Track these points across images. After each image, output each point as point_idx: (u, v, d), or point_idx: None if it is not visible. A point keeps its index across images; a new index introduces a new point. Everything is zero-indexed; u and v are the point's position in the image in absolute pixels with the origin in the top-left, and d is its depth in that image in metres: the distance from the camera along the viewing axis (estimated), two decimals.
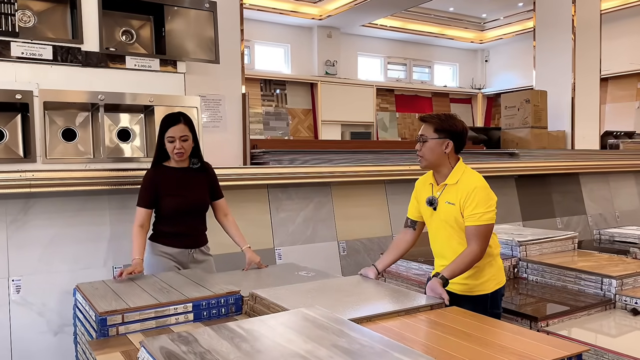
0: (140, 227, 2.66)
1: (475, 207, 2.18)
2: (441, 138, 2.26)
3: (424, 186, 2.42)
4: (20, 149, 2.94)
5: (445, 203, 2.27)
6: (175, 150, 2.67)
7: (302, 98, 9.89)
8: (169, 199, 2.71)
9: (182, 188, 2.74)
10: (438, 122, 2.28)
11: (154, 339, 1.43)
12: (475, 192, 2.19)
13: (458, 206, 2.22)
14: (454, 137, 2.28)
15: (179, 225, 2.76)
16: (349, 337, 1.42)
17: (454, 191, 2.25)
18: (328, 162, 4.07)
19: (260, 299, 2.09)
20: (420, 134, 2.33)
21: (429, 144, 2.28)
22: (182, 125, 2.68)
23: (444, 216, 2.28)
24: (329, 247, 4.00)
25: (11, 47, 2.83)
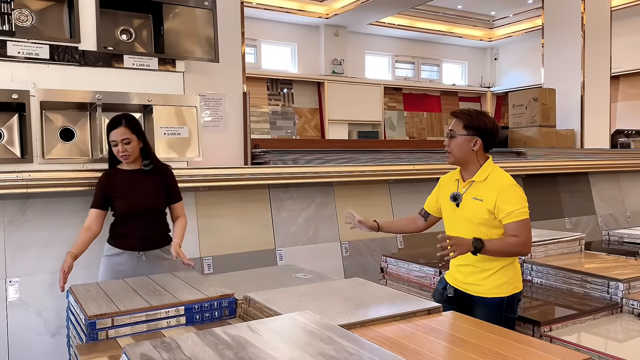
0: (85, 228, 2.65)
1: (513, 204, 2.16)
2: (470, 135, 2.24)
3: (449, 182, 2.40)
4: (18, 149, 2.92)
5: (471, 199, 2.24)
6: (120, 153, 2.66)
7: (309, 97, 9.85)
8: (118, 201, 2.69)
9: (130, 190, 2.71)
10: (468, 118, 2.25)
11: (136, 345, 1.39)
12: (509, 190, 2.18)
13: (486, 203, 2.19)
14: (484, 135, 2.25)
15: (129, 227, 2.72)
16: (337, 345, 1.36)
17: (481, 188, 2.24)
18: (331, 161, 4.02)
19: (253, 302, 2.04)
20: (449, 129, 2.30)
21: (457, 140, 2.26)
22: (123, 128, 2.65)
23: (469, 213, 2.25)
24: (332, 248, 3.95)
25: (7, 47, 2.81)
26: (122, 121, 2.67)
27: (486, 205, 2.19)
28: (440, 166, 4.42)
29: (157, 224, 2.79)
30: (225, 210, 3.65)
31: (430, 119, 11.63)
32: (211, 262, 3.54)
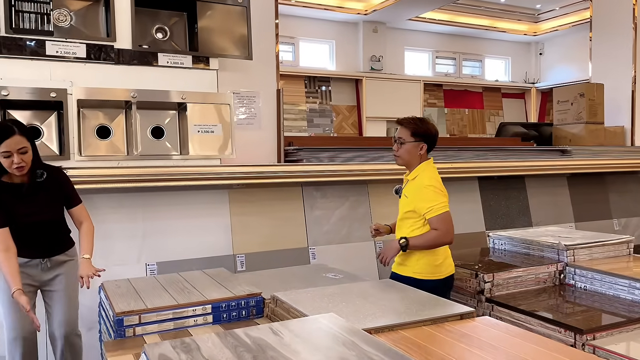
0: (5, 252, 2.33)
1: (429, 201, 2.46)
2: (417, 141, 2.52)
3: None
4: (56, 146, 2.98)
5: (404, 195, 2.60)
6: (14, 165, 2.32)
7: (347, 94, 9.76)
8: (19, 219, 2.41)
9: (29, 206, 2.44)
10: (415, 126, 2.53)
11: (156, 345, 1.37)
12: (425, 190, 2.48)
13: (410, 200, 2.53)
14: (428, 140, 2.55)
15: (29, 239, 2.47)
16: (359, 350, 1.31)
17: (410, 186, 2.57)
18: (366, 159, 3.95)
19: (280, 302, 2.01)
20: (398, 136, 2.56)
21: (406, 146, 2.54)
22: (18, 136, 2.32)
23: (401, 205, 2.62)
24: (365, 248, 3.88)
25: (46, 46, 2.87)
26: (14, 129, 2.34)
27: (409, 203, 2.54)
28: (481, 164, 4.28)
29: (60, 230, 2.60)
30: (258, 208, 3.63)
31: (472, 115, 11.35)
32: (244, 260, 3.53)
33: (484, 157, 4.50)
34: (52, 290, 2.56)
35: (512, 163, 4.44)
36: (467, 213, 4.41)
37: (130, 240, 3.23)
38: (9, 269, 2.30)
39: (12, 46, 2.80)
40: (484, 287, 2.59)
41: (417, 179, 2.54)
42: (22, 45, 2.82)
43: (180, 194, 3.39)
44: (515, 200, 4.65)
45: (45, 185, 2.48)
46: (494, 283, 2.61)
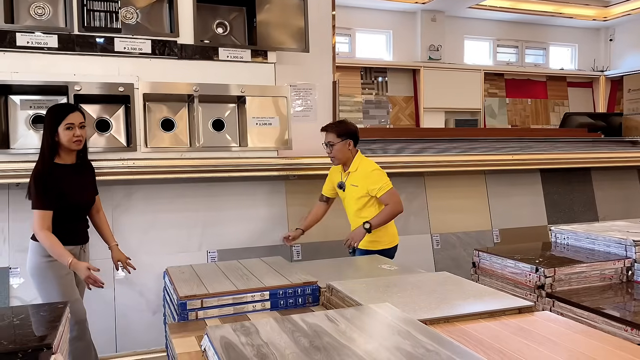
0: (48, 230, 2.46)
1: (377, 182, 2.99)
2: (344, 140, 3.02)
3: (336, 172, 3.21)
4: (123, 138, 3.14)
5: (350, 186, 3.06)
6: (75, 138, 2.50)
7: (404, 85, 9.64)
8: (68, 197, 2.54)
9: (77, 185, 2.61)
10: (338, 129, 3.05)
11: (218, 327, 1.44)
12: (372, 174, 3.01)
13: (360, 188, 3.01)
14: (352, 137, 3.06)
15: (74, 222, 2.64)
16: (414, 340, 1.32)
17: (355, 177, 3.05)
18: (422, 151, 3.91)
19: (336, 291, 2.04)
20: (327, 141, 3.06)
21: (337, 147, 3.04)
22: (79, 113, 2.55)
23: (351, 195, 3.07)
24: (422, 240, 3.86)
25: (115, 43, 3.02)
26: (77, 107, 2.61)
27: (361, 189, 3.01)
28: (544, 156, 4.15)
29: (87, 216, 2.77)
30: (314, 199, 3.67)
31: (535, 105, 10.93)
32: (300, 249, 3.60)
33: (548, 149, 4.35)
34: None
35: (578, 155, 4.27)
36: (528, 206, 4.29)
37: (192, 228, 3.36)
38: (56, 244, 2.45)
39: (84, 44, 2.97)
40: (545, 282, 2.51)
41: (360, 169, 3.04)
42: (92, 43, 2.98)
43: (239, 184, 3.49)
44: (580, 194, 4.47)
45: (86, 170, 2.71)
46: (556, 278, 2.53)
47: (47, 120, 2.53)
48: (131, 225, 3.21)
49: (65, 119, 2.49)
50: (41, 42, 2.89)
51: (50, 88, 2.95)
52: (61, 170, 2.55)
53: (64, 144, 2.51)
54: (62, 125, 2.49)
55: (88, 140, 3.01)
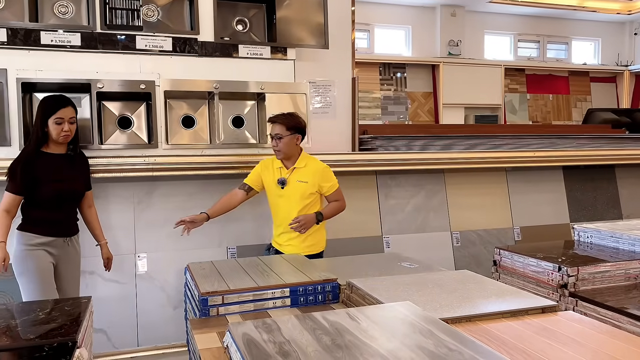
0: (7, 213, 2.54)
1: (329, 179, 2.96)
2: (292, 134, 2.89)
3: (270, 168, 3.01)
4: (145, 135, 3.17)
5: (297, 182, 2.92)
6: (63, 132, 2.59)
7: (423, 81, 9.57)
8: (50, 185, 2.60)
9: (62, 174, 2.66)
10: (288, 121, 2.89)
11: (239, 324, 1.45)
12: (324, 172, 2.96)
13: (310, 184, 2.91)
14: (301, 131, 2.94)
15: (57, 212, 2.66)
16: (436, 339, 1.31)
17: (303, 173, 2.93)
18: (442, 147, 3.88)
19: (356, 288, 2.03)
20: (275, 132, 2.88)
21: (285, 140, 2.88)
22: (71, 108, 2.63)
23: (296, 192, 2.91)
24: (441, 238, 3.83)
25: (136, 40, 3.05)
26: (69, 101, 2.65)
27: (309, 186, 2.91)
28: (566, 153, 4.08)
29: (75, 209, 2.81)
30: None
31: (556, 101, 10.77)
32: None
33: (570, 146, 4.28)
34: (67, 270, 2.71)
35: (601, 152, 4.20)
36: (550, 204, 4.23)
37: (212, 224, 3.37)
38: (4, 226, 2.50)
39: (106, 41, 3.00)
40: (568, 281, 2.48)
41: (310, 165, 2.95)
42: (114, 40, 3.02)
43: None
44: (604, 191, 4.39)
45: (76, 161, 2.75)
46: (579, 277, 2.49)
47: (38, 112, 2.60)
48: (152, 222, 3.24)
49: (56, 113, 2.57)
50: (64, 40, 2.93)
51: (73, 86, 2.99)
52: (47, 158, 2.61)
53: (52, 137, 2.59)
54: (52, 118, 2.57)
55: (108, 137, 3.06)
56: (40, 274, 2.59)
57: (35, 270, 2.58)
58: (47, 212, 2.63)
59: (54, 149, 2.64)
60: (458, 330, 1.38)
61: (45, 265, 2.61)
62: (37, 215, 2.62)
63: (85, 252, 3.10)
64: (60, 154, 2.67)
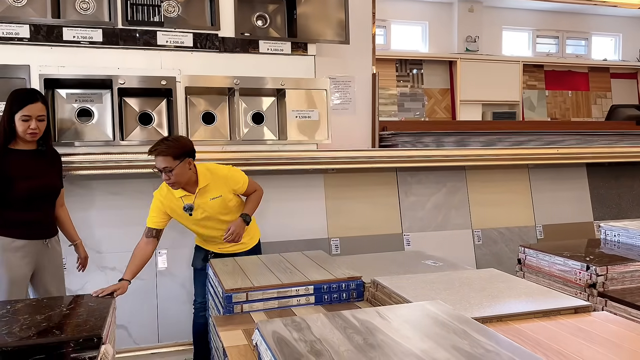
0: None
1: (238, 180, 2.74)
2: (182, 160, 2.54)
3: (171, 200, 2.66)
4: (166, 131, 3.16)
5: (210, 200, 2.66)
6: (30, 130, 2.38)
7: (440, 77, 9.48)
8: (22, 182, 2.40)
9: (34, 171, 2.46)
10: (174, 150, 2.52)
11: (268, 322, 1.43)
12: (229, 176, 2.73)
13: (224, 197, 2.69)
14: (191, 154, 2.61)
15: (33, 212, 2.47)
16: (472, 339, 1.28)
17: (211, 189, 2.67)
18: (463, 144, 3.83)
19: (381, 286, 2.01)
20: (163, 167, 2.52)
21: (177, 172, 2.54)
22: (41, 104, 2.41)
23: (212, 210, 2.68)
24: (462, 235, 3.78)
25: (157, 36, 3.04)
26: (38, 96, 2.44)
27: (224, 197, 2.69)
28: (589, 150, 4.00)
29: (54, 208, 2.63)
30: (353, 192, 3.65)
31: (575, 98, 10.61)
32: (338, 243, 3.57)
33: (593, 142, 4.20)
34: (48, 272, 2.57)
35: (626, 149, 4.11)
36: (573, 202, 4.16)
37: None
38: None
39: (128, 37, 3.00)
40: (597, 280, 2.43)
41: (213, 180, 2.67)
42: (136, 36, 3.01)
43: (278, 177, 3.49)
44: (628, 189, 4.31)
45: (47, 158, 2.54)
46: (608, 277, 2.44)
47: (7, 105, 2.40)
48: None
49: (22, 109, 2.37)
50: (86, 36, 2.93)
51: (94, 82, 2.99)
52: (15, 155, 2.42)
53: (18, 133, 2.40)
54: (18, 114, 2.37)
55: (129, 133, 3.06)
56: (9, 286, 2.40)
57: (8, 282, 2.40)
58: (23, 213, 2.43)
59: (22, 145, 2.44)
60: (493, 331, 1.35)
61: (19, 275, 2.43)
62: (12, 217, 2.41)
63: (102, 249, 3.11)
64: (30, 150, 2.46)
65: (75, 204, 3.05)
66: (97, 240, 3.11)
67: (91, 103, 3.05)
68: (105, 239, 3.12)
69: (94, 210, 3.13)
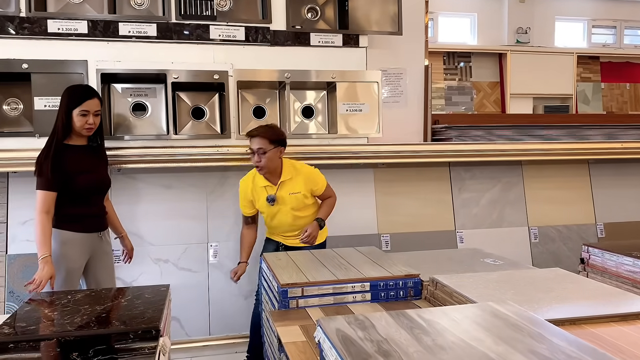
0: (47, 214, 2.36)
1: (318, 181, 2.85)
2: (276, 147, 2.71)
3: (255, 190, 2.83)
4: (218, 125, 3.17)
5: (290, 195, 2.78)
6: (87, 125, 2.45)
7: (489, 70, 9.21)
8: (81, 177, 2.46)
9: (90, 166, 2.53)
10: (270, 134, 2.70)
11: (330, 319, 1.38)
12: (312, 175, 2.85)
13: (304, 192, 2.80)
14: (284, 143, 2.78)
15: (89, 206, 2.54)
16: (550, 344, 1.20)
17: (292, 184, 2.79)
18: (518, 138, 3.69)
19: (441, 285, 1.93)
20: (257, 147, 2.69)
21: (269, 155, 2.69)
22: (97, 100, 2.48)
23: (291, 204, 2.79)
24: (518, 233, 3.65)
25: (210, 30, 3.04)
26: (94, 92, 2.52)
27: (302, 195, 2.80)
28: None
29: (103, 201, 2.68)
30: (404, 187, 3.57)
31: (634, 90, 10.11)
32: (388, 239, 3.51)
33: None
34: (102, 263, 2.63)
35: None
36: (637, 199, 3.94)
37: None
38: (44, 234, 2.33)
39: (181, 32, 3.02)
40: None
41: (297, 175, 2.80)
42: (189, 31, 3.03)
43: (327, 172, 3.41)
44: None
45: (98, 152, 2.62)
46: None
47: (63, 101, 2.46)
48: (223, 211, 3.25)
49: (82, 105, 2.43)
50: (141, 31, 2.97)
51: (149, 76, 3.03)
52: (71, 150, 2.48)
53: (75, 128, 2.47)
54: (77, 109, 2.43)
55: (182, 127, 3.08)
56: (66, 278, 2.46)
57: (65, 273, 2.46)
58: (81, 207, 2.50)
59: (76, 140, 2.51)
60: (573, 335, 1.26)
61: (75, 267, 2.51)
62: (70, 211, 2.47)
63: (155, 241, 3.15)
64: (83, 145, 2.54)
65: (128, 197, 3.10)
66: (149, 233, 3.16)
67: (145, 97, 3.08)
68: (158, 232, 3.16)
69: (147, 203, 3.17)
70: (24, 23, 2.82)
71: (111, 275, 2.70)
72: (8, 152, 2.78)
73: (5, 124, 2.98)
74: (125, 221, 2.86)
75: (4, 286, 2.93)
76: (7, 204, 2.99)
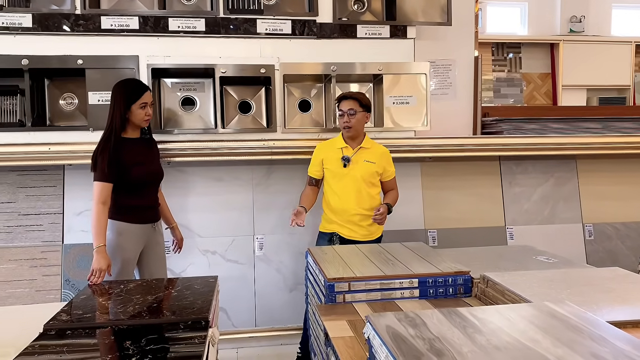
0: (104, 205, 2.43)
1: (392, 165, 2.91)
2: (365, 111, 2.82)
3: (331, 150, 2.86)
4: (264, 119, 3.19)
5: (363, 161, 2.82)
6: (147, 117, 2.55)
7: (540, 61, 8.89)
8: (137, 169, 2.53)
9: (145, 158, 2.59)
10: (362, 98, 2.81)
11: (380, 315, 1.36)
12: (387, 155, 2.90)
13: (377, 165, 2.83)
14: (370, 110, 2.89)
15: (145, 197, 2.61)
16: (613, 347, 1.14)
17: (369, 153, 2.84)
18: (572, 131, 3.54)
19: (493, 283, 1.88)
20: (349, 108, 2.78)
21: (358, 116, 2.80)
22: (150, 92, 2.59)
23: (360, 172, 2.81)
24: (572, 230, 3.51)
25: (257, 24, 3.05)
26: (147, 85, 2.65)
27: (376, 167, 2.83)
28: None
29: (157, 194, 2.73)
30: (452, 182, 3.50)
31: None
32: (435, 235, 3.45)
33: None
34: (155, 253, 2.68)
35: None
36: None
37: None
38: (100, 224, 2.41)
39: (228, 26, 3.04)
40: None
41: (376, 147, 2.88)
42: (236, 25, 3.05)
43: None
44: None
45: (151, 144, 2.70)
46: None
47: (119, 96, 2.51)
48: (269, 203, 3.27)
49: (141, 98, 2.52)
50: (190, 26, 3.01)
51: (197, 71, 3.07)
52: (127, 143, 2.55)
53: (134, 121, 2.54)
54: (137, 103, 2.51)
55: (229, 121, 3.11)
56: (121, 268, 2.54)
57: (120, 264, 2.53)
58: (137, 199, 2.58)
59: (131, 133, 2.58)
60: (638, 339, 1.19)
61: (130, 258, 2.58)
62: (126, 202, 2.54)
63: (201, 232, 3.21)
64: (138, 138, 2.61)
65: (178, 189, 3.16)
66: (198, 225, 3.21)
67: (194, 92, 3.13)
68: (205, 224, 3.22)
69: (195, 196, 3.23)
70: (79, 20, 2.91)
71: (163, 266, 2.76)
72: (64, 145, 2.88)
73: (61, 118, 3.09)
74: (174, 213, 2.91)
75: (61, 274, 3.05)
76: (63, 195, 3.10)
